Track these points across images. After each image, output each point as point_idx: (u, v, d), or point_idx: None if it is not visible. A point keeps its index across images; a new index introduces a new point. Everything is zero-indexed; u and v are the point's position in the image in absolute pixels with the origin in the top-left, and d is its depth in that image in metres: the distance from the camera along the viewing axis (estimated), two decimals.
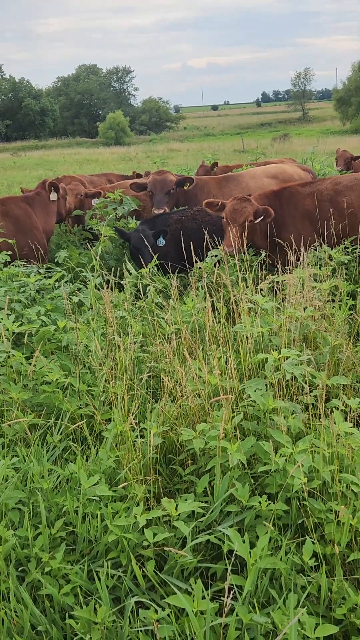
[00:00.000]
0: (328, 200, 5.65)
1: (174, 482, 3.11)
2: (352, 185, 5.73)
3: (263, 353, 3.40)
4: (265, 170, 7.47)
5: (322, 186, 5.78)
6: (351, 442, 2.78)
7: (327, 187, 5.76)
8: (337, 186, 5.73)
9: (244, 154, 29.73)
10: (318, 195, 5.69)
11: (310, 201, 5.69)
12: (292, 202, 5.72)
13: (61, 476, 2.96)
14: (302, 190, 5.78)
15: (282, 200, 5.74)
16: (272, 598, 2.35)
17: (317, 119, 73.91)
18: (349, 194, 5.68)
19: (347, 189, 5.72)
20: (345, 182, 5.78)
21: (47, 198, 7.10)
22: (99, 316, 4.51)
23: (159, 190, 6.67)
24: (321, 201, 5.66)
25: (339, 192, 5.69)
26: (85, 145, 59.35)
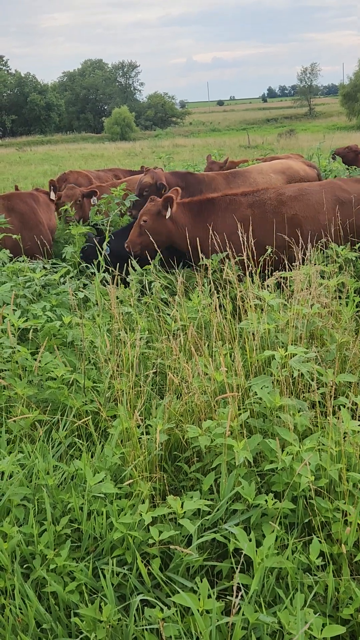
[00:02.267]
0: (272, 211, 5.55)
1: (180, 480, 3.09)
2: (296, 196, 5.64)
3: (269, 350, 3.38)
4: (272, 166, 7.44)
5: (266, 196, 5.69)
6: (359, 441, 2.75)
7: (271, 197, 5.66)
8: (281, 197, 5.64)
9: (250, 150, 29.63)
10: (261, 205, 5.61)
11: (251, 211, 5.59)
12: (230, 210, 5.63)
13: (66, 473, 2.95)
14: (242, 200, 5.67)
15: (218, 207, 5.64)
16: (279, 597, 2.33)
17: (324, 115, 73.61)
18: (293, 204, 5.59)
19: (291, 199, 5.63)
20: (289, 192, 5.69)
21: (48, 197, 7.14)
22: (104, 312, 4.49)
23: (136, 192, 6.77)
24: (265, 212, 5.57)
25: (283, 202, 5.61)
26: (91, 140, 59.27)
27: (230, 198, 5.69)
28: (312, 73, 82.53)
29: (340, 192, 5.73)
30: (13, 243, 6.22)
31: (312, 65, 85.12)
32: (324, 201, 5.56)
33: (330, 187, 5.77)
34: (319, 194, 5.65)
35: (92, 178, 9.74)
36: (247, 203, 5.65)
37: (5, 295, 4.44)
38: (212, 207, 5.67)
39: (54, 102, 77.38)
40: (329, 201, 5.61)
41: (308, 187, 5.81)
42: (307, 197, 5.64)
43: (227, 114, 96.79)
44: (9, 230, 6.22)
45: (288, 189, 5.77)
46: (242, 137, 41.91)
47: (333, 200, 5.65)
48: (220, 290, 4.70)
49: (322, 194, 5.63)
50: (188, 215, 5.67)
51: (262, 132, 51.30)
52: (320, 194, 5.64)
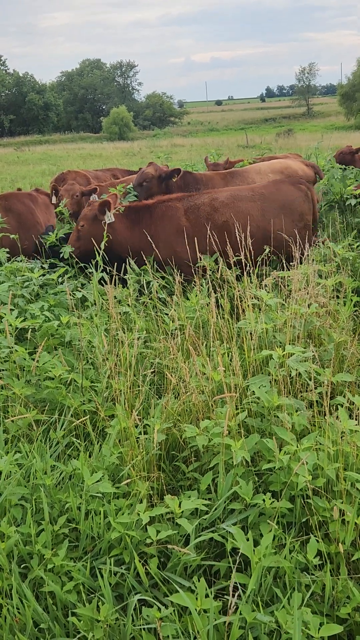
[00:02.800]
0: (205, 217, 5.52)
1: (177, 479, 3.10)
2: (227, 203, 5.61)
3: (267, 349, 3.38)
4: (270, 166, 7.44)
5: (200, 201, 5.65)
6: (356, 440, 2.75)
7: (205, 202, 5.63)
8: (214, 202, 5.60)
9: (248, 149, 29.64)
10: (195, 211, 5.57)
11: (186, 217, 5.55)
12: (166, 216, 5.58)
13: (64, 472, 2.95)
14: (178, 205, 5.64)
15: (155, 213, 5.61)
16: (276, 597, 2.33)
17: (322, 115, 73.64)
18: (224, 210, 5.56)
19: (223, 205, 5.60)
20: (222, 198, 5.66)
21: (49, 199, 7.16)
22: (102, 312, 4.49)
23: (135, 181, 6.80)
24: (198, 217, 5.54)
25: (216, 208, 5.57)
26: (89, 140, 59.24)
27: (167, 205, 5.65)
28: (311, 73, 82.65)
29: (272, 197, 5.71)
30: (11, 243, 6.22)
31: (311, 65, 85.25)
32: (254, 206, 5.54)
33: (261, 193, 5.74)
34: (251, 200, 5.63)
35: (90, 178, 9.74)
36: (184, 209, 5.61)
37: (3, 295, 4.44)
38: (149, 213, 5.64)
39: (52, 101, 77.31)
40: (259, 207, 5.59)
41: (239, 192, 5.76)
42: (238, 204, 5.60)
43: (225, 113, 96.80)
44: (7, 230, 6.22)
45: (221, 194, 5.74)
46: (240, 137, 41.91)
47: (264, 207, 5.63)
48: (218, 290, 4.70)
49: (254, 200, 5.63)
50: (124, 221, 5.62)
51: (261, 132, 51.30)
52: (252, 200, 5.63)
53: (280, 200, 5.72)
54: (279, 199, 5.72)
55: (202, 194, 5.80)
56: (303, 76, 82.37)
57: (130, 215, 5.67)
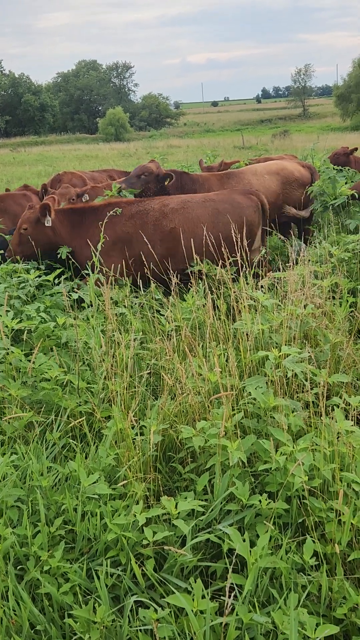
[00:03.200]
0: (152, 223, 5.45)
1: (174, 480, 3.09)
2: (177, 209, 5.53)
3: (263, 350, 3.39)
4: (266, 167, 7.45)
5: (150, 206, 5.57)
6: (352, 440, 2.76)
7: (155, 207, 5.55)
8: (164, 208, 5.52)
9: (244, 150, 29.67)
10: (143, 216, 5.50)
11: (133, 222, 5.49)
12: (112, 220, 5.45)
13: (60, 474, 2.95)
14: (125, 209, 5.56)
15: (100, 216, 5.47)
16: (273, 597, 2.33)
17: (318, 116, 73.80)
18: (173, 217, 5.49)
19: (172, 212, 5.52)
20: (172, 204, 5.59)
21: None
22: (98, 313, 4.49)
23: (134, 172, 6.80)
24: (145, 223, 5.46)
25: (165, 214, 5.49)
26: (85, 141, 59.21)
27: (111, 208, 5.54)
28: (306, 74, 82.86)
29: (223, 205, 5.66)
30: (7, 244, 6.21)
31: (306, 66, 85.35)
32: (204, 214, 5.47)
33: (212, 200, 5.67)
34: (202, 207, 5.56)
35: (86, 179, 9.73)
36: (130, 213, 5.52)
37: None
38: (94, 216, 5.52)
39: (48, 102, 77.28)
40: (209, 214, 5.52)
41: (191, 199, 5.68)
42: (188, 210, 5.52)
43: (221, 114, 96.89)
44: (2, 231, 6.22)
45: (173, 200, 5.66)
46: (236, 138, 41.96)
47: (214, 214, 5.57)
48: (214, 291, 4.71)
49: (205, 207, 5.55)
50: (67, 224, 5.55)
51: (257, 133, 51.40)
52: (204, 207, 5.56)
53: (230, 209, 5.64)
54: (230, 208, 5.64)
55: (153, 199, 5.70)
56: (299, 77, 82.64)
57: (73, 217, 5.57)
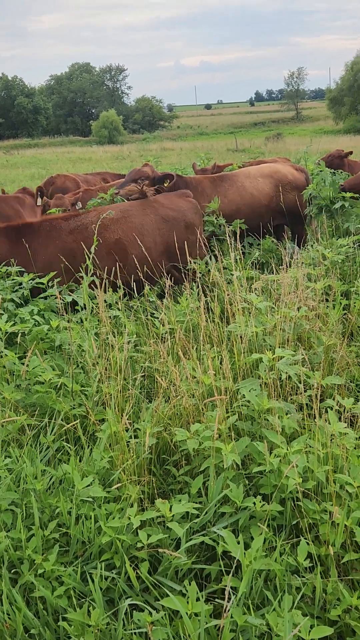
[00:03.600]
0: (94, 236, 5.19)
1: (168, 483, 3.10)
2: (118, 219, 5.43)
3: (257, 353, 3.39)
4: (260, 170, 7.47)
5: (87, 220, 5.38)
6: (345, 442, 2.78)
7: (93, 220, 5.35)
8: (103, 220, 5.33)
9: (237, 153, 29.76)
10: (82, 231, 5.30)
11: (73, 237, 5.29)
12: (51, 237, 5.27)
13: (54, 477, 2.94)
14: (63, 225, 5.35)
15: (38, 233, 5.28)
16: (267, 599, 2.34)
17: (311, 119, 74.14)
18: (115, 228, 5.37)
19: (113, 222, 5.39)
20: None
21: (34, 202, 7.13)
22: (92, 316, 4.49)
23: (128, 177, 6.76)
24: (87, 237, 5.21)
25: (106, 226, 5.33)
26: (79, 143, 59.25)
27: (50, 224, 5.37)
28: (299, 77, 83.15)
29: (164, 210, 5.58)
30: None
31: (299, 69, 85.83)
32: (147, 221, 5.36)
33: (152, 207, 5.58)
34: (143, 214, 5.47)
35: (79, 182, 9.74)
36: (69, 229, 5.32)
37: None
38: (31, 233, 5.30)
39: (41, 105, 77.25)
40: (152, 221, 5.42)
41: (129, 207, 5.58)
42: (130, 219, 5.43)
43: (214, 117, 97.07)
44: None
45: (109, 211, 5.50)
46: (229, 141, 42.10)
47: (157, 220, 5.48)
48: (208, 294, 4.72)
49: (146, 214, 5.47)
50: (4, 240, 5.28)
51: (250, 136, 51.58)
52: (144, 214, 5.47)
53: (172, 214, 5.58)
54: (172, 213, 5.57)
55: (88, 212, 5.52)
56: (292, 80, 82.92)
57: (9, 234, 5.32)
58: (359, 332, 4.37)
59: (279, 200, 7.21)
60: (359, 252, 5.47)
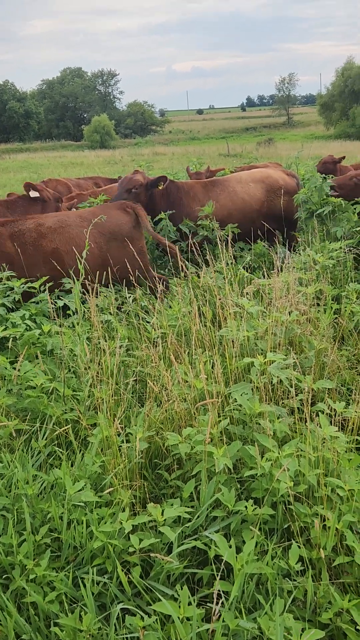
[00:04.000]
0: (32, 244, 5.23)
1: (160, 487, 3.10)
2: (55, 229, 5.36)
3: (249, 357, 3.41)
4: (251, 175, 7.50)
5: (24, 227, 5.29)
6: (336, 446, 2.79)
7: (30, 227, 5.29)
8: (40, 228, 5.31)
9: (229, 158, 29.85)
10: (20, 237, 5.23)
11: (12, 243, 5.20)
12: None
13: (46, 482, 2.93)
14: (2, 231, 5.25)
15: None
16: (259, 603, 2.34)
17: (302, 124, 74.57)
18: (53, 237, 5.31)
19: (51, 231, 5.33)
20: (48, 223, 5.39)
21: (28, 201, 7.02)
22: (84, 320, 4.48)
23: (121, 187, 6.65)
24: (24, 244, 5.19)
25: (43, 234, 5.28)
26: (70, 148, 59.18)
27: None
28: (290, 83, 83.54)
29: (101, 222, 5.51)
30: None
31: (290, 75, 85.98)
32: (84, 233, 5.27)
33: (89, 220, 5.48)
34: (80, 226, 5.41)
35: (71, 186, 9.74)
36: (8, 234, 5.26)
37: None
38: None
39: (33, 110, 77.14)
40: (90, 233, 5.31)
41: (67, 217, 5.53)
42: (67, 229, 5.38)
43: (206, 122, 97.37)
44: None
45: (48, 220, 5.47)
46: (221, 146, 42.23)
47: (94, 232, 5.40)
48: (200, 298, 4.73)
49: (83, 226, 5.40)
50: None
51: (241, 141, 51.74)
52: (82, 226, 5.41)
53: (108, 225, 5.53)
54: (107, 225, 5.52)
55: (26, 219, 5.46)
56: (283, 86, 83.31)
57: None
58: (350, 336, 4.40)
59: (270, 205, 7.25)
60: (349, 256, 5.51)
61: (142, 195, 6.66)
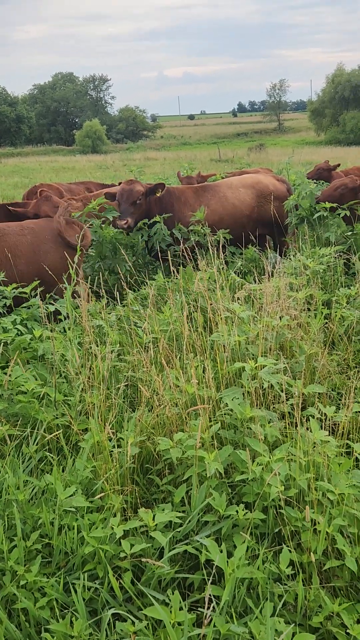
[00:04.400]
0: None
1: (151, 492, 3.10)
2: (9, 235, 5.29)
3: (240, 362, 3.42)
4: (242, 180, 7.54)
5: None
6: (327, 450, 2.80)
7: None
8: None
9: (220, 163, 29.96)
10: None
11: None
12: None
13: (37, 487, 2.93)
14: None
15: None
16: (250, 607, 2.35)
17: (293, 130, 74.98)
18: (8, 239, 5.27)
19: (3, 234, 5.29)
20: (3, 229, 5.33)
21: None
22: (75, 325, 4.48)
23: (124, 201, 6.55)
24: None
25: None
26: (62, 153, 59.19)
27: None
28: (281, 89, 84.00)
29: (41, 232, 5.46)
30: None
31: (281, 81, 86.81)
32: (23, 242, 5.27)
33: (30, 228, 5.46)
34: (19, 235, 5.36)
35: (63, 191, 9.71)
36: None
37: None
38: None
39: (24, 114, 77.04)
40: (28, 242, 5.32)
41: (7, 227, 5.45)
42: (5, 238, 5.32)
43: (198, 128, 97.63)
44: None
45: None
46: (213, 151, 42.36)
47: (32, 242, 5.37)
48: (191, 303, 4.74)
49: (23, 234, 5.36)
50: None
51: (233, 146, 51.97)
52: (21, 234, 5.37)
53: (50, 236, 5.49)
54: (50, 235, 5.49)
55: None
56: (274, 92, 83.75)
57: None
58: (340, 341, 4.42)
59: (260, 210, 7.28)
60: (339, 261, 5.55)
61: (144, 204, 6.66)
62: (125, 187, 6.64)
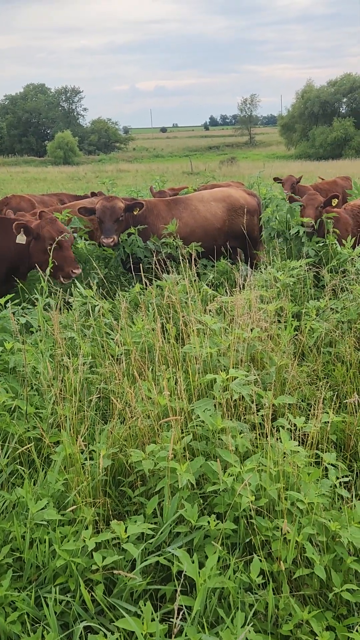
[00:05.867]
0: None
1: (124, 504, 3.10)
2: None
3: (212, 373, 3.46)
4: (213, 194, 7.63)
5: None
6: (296, 460, 2.85)
7: None
8: None
9: (192, 176, 30.21)
10: None
11: None
12: None
13: (8, 501, 2.90)
14: None
15: None
16: (221, 617, 2.37)
17: (264, 144, 76.09)
18: None
19: None
20: None
21: None
22: (47, 337, 4.46)
23: (107, 219, 6.49)
24: None
25: None
26: (33, 163, 58.86)
27: None
28: (252, 104, 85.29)
29: None
30: None
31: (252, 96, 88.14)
32: None
33: None
34: None
35: (35, 202, 9.68)
36: None
37: None
38: None
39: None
40: None
41: None
42: None
43: (170, 140, 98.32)
44: None
45: None
46: (184, 164, 42.70)
47: None
48: (164, 315, 4.77)
49: None
50: None
51: (205, 159, 52.46)
52: None
53: None
54: None
55: None
56: (245, 106, 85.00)
57: None
58: (310, 352, 4.50)
59: (231, 223, 7.37)
60: (309, 274, 5.66)
61: (125, 220, 6.67)
62: (106, 205, 6.53)
